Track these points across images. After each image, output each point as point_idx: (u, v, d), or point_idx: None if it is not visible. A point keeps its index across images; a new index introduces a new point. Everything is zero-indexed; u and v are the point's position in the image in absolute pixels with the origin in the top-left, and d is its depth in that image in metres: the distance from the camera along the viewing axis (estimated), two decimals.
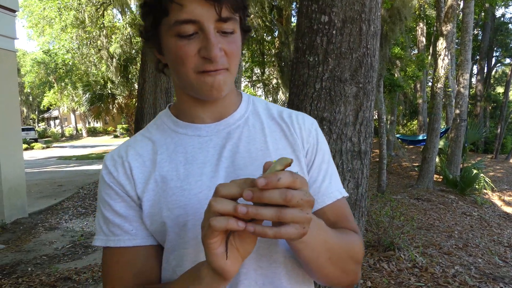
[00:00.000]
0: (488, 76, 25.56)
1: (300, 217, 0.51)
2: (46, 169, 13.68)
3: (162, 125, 0.82)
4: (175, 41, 0.67)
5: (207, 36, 0.65)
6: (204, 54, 0.66)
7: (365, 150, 1.95)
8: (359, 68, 1.85)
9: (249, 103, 0.85)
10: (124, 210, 0.75)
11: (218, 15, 0.65)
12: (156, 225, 0.72)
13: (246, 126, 0.80)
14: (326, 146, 0.85)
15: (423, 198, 8.16)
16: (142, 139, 0.80)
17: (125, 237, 0.74)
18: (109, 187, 0.75)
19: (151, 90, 8.89)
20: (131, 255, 0.75)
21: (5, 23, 5.95)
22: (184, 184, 0.72)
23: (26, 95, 41.46)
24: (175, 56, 0.69)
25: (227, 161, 0.74)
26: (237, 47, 0.70)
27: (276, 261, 0.73)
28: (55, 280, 3.82)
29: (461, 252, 4.78)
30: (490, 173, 13.57)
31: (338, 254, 0.69)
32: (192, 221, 0.70)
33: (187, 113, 0.79)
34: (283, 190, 0.50)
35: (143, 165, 0.76)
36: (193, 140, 0.77)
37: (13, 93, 6.17)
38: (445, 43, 9.35)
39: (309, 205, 0.52)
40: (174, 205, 0.71)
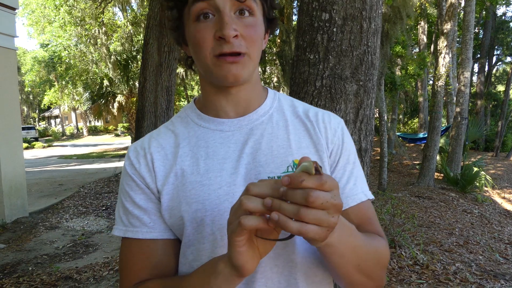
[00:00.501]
0: (489, 74, 25.53)
1: (323, 219, 0.50)
2: (47, 168, 13.69)
3: (186, 118, 0.82)
4: (194, 26, 0.68)
5: (221, 15, 0.66)
6: (219, 34, 0.66)
7: (366, 148, 1.95)
8: (360, 66, 1.84)
9: (275, 100, 0.84)
10: (144, 203, 0.75)
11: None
12: (175, 218, 0.73)
13: (270, 123, 0.79)
14: (352, 147, 0.83)
15: (424, 196, 8.15)
16: (166, 131, 0.81)
17: (144, 229, 0.75)
18: (131, 178, 0.76)
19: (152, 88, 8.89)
20: (148, 247, 0.75)
21: (5, 21, 5.94)
22: (203, 179, 0.72)
23: (26, 94, 41.48)
24: (194, 41, 0.69)
25: (248, 158, 0.74)
26: (255, 31, 0.69)
27: (293, 261, 0.72)
28: (56, 279, 3.82)
29: (462, 249, 4.78)
30: (491, 170, 13.57)
31: (366, 261, 0.68)
32: (210, 217, 0.70)
33: (211, 106, 0.79)
34: (306, 190, 0.49)
35: (165, 158, 0.76)
36: (215, 135, 0.77)
37: (14, 91, 6.17)
38: (446, 42, 9.34)
39: (335, 209, 0.51)
40: (192, 200, 0.71)
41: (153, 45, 8.98)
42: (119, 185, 0.80)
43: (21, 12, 17.80)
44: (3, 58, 5.90)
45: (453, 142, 10.01)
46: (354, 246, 0.64)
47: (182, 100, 26.95)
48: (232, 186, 0.71)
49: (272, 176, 0.72)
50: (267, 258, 0.70)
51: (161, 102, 8.99)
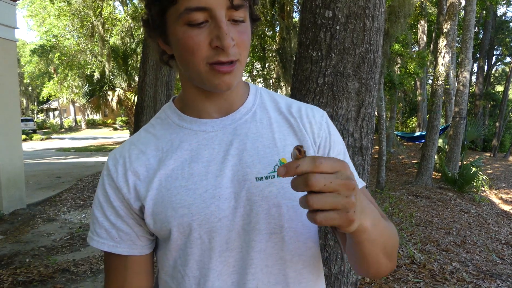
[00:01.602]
0: (488, 74, 25.55)
1: (336, 202, 0.49)
2: (45, 161, 13.67)
3: (166, 119, 0.79)
4: (185, 30, 0.64)
5: (219, 24, 0.63)
6: (217, 44, 0.63)
7: (367, 146, 1.95)
8: (362, 64, 1.84)
9: (257, 96, 0.82)
10: (114, 218, 0.74)
11: (230, 1, 0.63)
12: (160, 224, 0.71)
13: (253, 121, 0.77)
14: (339, 137, 0.83)
15: (422, 195, 8.18)
16: (146, 135, 0.78)
17: (110, 243, 0.74)
18: (105, 189, 0.74)
19: (151, 83, 8.86)
20: (114, 260, 0.77)
21: (6, 12, 5.91)
22: (189, 183, 0.71)
23: (25, 86, 41.34)
24: (184, 46, 0.65)
25: (234, 159, 0.72)
26: (247, 36, 0.68)
27: (283, 258, 0.72)
28: (53, 271, 3.83)
29: (459, 249, 4.80)
30: (489, 171, 13.62)
31: (390, 242, 0.67)
32: (197, 221, 0.69)
33: (193, 106, 0.77)
34: (305, 176, 0.48)
35: (147, 163, 0.74)
36: (198, 136, 0.75)
37: (13, 83, 6.15)
38: (446, 41, 9.33)
39: (346, 188, 0.49)
40: (178, 205, 0.70)
41: None
42: (96, 190, 0.78)
43: (21, 3, 17.71)
44: (3, 49, 5.88)
45: (451, 142, 10.03)
46: (383, 228, 0.63)
47: None
48: (218, 189, 0.70)
49: (260, 177, 0.71)
50: (257, 259, 0.71)
51: (161, 97, 8.98)
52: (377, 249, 0.63)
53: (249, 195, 0.70)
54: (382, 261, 0.66)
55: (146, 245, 0.77)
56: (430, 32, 18.30)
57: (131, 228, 0.75)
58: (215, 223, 0.69)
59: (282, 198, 0.71)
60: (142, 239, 0.76)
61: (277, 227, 0.71)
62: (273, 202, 0.70)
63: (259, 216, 0.70)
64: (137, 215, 0.74)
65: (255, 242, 0.70)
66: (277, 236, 0.71)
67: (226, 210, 0.70)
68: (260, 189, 0.70)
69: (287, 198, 0.71)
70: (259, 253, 0.71)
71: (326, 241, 1.89)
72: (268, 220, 0.71)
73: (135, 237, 0.75)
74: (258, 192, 0.70)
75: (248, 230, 0.71)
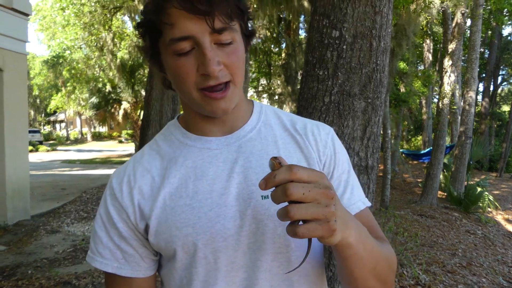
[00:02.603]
0: (494, 94, 25.53)
1: (316, 212, 0.49)
2: (50, 172, 13.72)
3: (170, 135, 0.79)
4: (174, 59, 0.65)
5: (203, 51, 0.63)
6: (202, 71, 0.64)
7: (372, 165, 1.95)
8: (368, 83, 1.86)
9: (261, 113, 0.81)
10: (117, 239, 0.73)
11: (211, 28, 0.62)
12: (164, 243, 0.70)
13: (258, 138, 0.76)
14: (345, 155, 0.82)
15: (427, 214, 8.10)
16: (150, 152, 0.78)
17: (114, 264, 0.73)
18: (108, 210, 0.74)
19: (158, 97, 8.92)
20: (117, 282, 0.75)
21: (18, 27, 6.04)
22: (193, 201, 0.70)
23: (34, 98, 41.80)
24: (175, 74, 0.67)
25: (239, 177, 0.71)
26: (237, 57, 0.67)
27: (290, 280, 0.72)
28: (55, 284, 3.81)
29: (465, 271, 4.73)
30: (495, 191, 13.47)
31: (381, 265, 0.66)
32: (202, 240, 0.68)
33: (196, 125, 0.77)
34: (283, 185, 0.49)
35: (152, 182, 0.73)
36: (203, 153, 0.74)
37: (23, 95, 6.23)
38: (452, 60, 9.37)
39: (325, 196, 0.50)
40: (183, 224, 0.69)
41: None
42: (98, 209, 0.77)
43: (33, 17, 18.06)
44: (14, 62, 5.98)
45: (457, 161, 9.97)
46: (371, 248, 0.63)
47: None
48: (223, 207, 0.69)
49: (266, 195, 0.70)
50: (262, 279, 0.70)
51: (167, 111, 9.05)
52: (365, 270, 0.63)
53: (254, 214, 0.69)
54: (371, 283, 0.66)
55: (150, 267, 0.77)
56: (435, 51, 18.38)
57: (135, 250, 0.74)
58: (220, 243, 0.69)
59: None
60: (146, 261, 0.75)
61: (283, 247, 0.70)
62: (279, 221, 0.69)
63: (265, 236, 0.70)
64: (142, 235, 0.73)
65: (261, 262, 0.70)
66: (283, 256, 0.71)
67: (231, 229, 0.69)
68: (265, 208, 0.70)
69: None
70: (265, 273, 0.70)
71: (331, 260, 1.88)
72: (274, 239, 0.70)
73: (139, 259, 0.74)
74: (263, 211, 0.70)
75: (254, 249, 0.70)
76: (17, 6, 5.91)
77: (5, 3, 5.75)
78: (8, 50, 5.85)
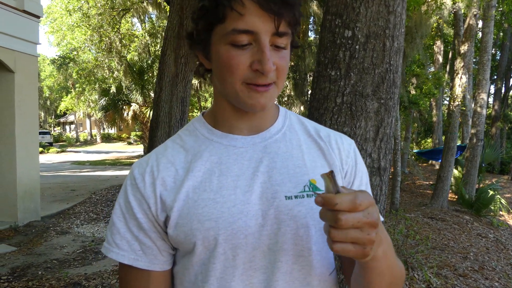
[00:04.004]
0: (506, 96, 25.22)
1: (357, 238, 0.52)
2: (60, 173, 13.84)
3: (195, 131, 0.79)
4: (228, 49, 0.66)
5: (262, 49, 0.64)
6: (258, 67, 0.65)
7: (385, 167, 1.92)
8: (381, 84, 1.83)
9: (286, 118, 0.82)
10: (136, 230, 0.72)
11: (276, 29, 0.64)
12: (184, 236, 0.69)
13: (283, 141, 0.77)
14: (364, 168, 0.83)
15: (437, 217, 8.00)
16: (174, 146, 0.78)
17: (131, 255, 0.72)
18: (128, 200, 0.73)
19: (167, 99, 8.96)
20: (133, 275, 0.74)
21: (29, 29, 6.10)
22: (217, 196, 0.70)
23: (44, 100, 42.27)
24: (225, 65, 0.67)
25: (264, 176, 0.72)
26: (286, 62, 0.69)
27: (310, 284, 0.71)
28: (65, 285, 3.82)
29: (477, 274, 4.65)
30: (506, 194, 13.29)
31: (396, 280, 0.67)
32: (223, 236, 0.68)
33: (224, 122, 0.77)
34: (335, 213, 0.51)
35: (175, 174, 0.73)
36: (229, 151, 0.74)
37: (33, 97, 6.29)
38: (463, 62, 9.27)
39: (369, 226, 0.52)
40: (205, 218, 0.68)
41: (170, 56, 9.09)
42: (117, 199, 0.76)
43: (44, 20, 18.26)
44: (25, 64, 6.04)
45: (468, 164, 9.85)
46: (392, 264, 0.64)
47: (195, 111, 27.14)
48: (246, 204, 0.69)
49: (290, 196, 0.70)
50: (282, 282, 0.69)
51: (176, 113, 9.07)
52: (383, 283, 0.64)
53: (277, 214, 0.69)
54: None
55: (167, 261, 0.75)
56: (446, 53, 18.21)
57: (154, 242, 0.73)
58: (241, 240, 0.68)
59: (311, 219, 0.70)
60: (164, 254, 0.74)
61: (305, 249, 0.70)
62: (302, 223, 0.70)
63: (286, 236, 0.69)
64: (161, 228, 0.72)
65: (281, 263, 0.69)
66: (304, 259, 0.70)
67: (253, 227, 0.69)
68: (289, 208, 0.70)
69: (316, 219, 0.69)
70: (285, 275, 0.69)
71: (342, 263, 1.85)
72: (296, 241, 0.69)
73: (157, 252, 0.73)
74: (286, 211, 0.69)
75: (274, 250, 0.69)
76: (28, 8, 5.98)
77: (16, 5, 5.81)
78: (20, 52, 5.91)
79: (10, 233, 5.56)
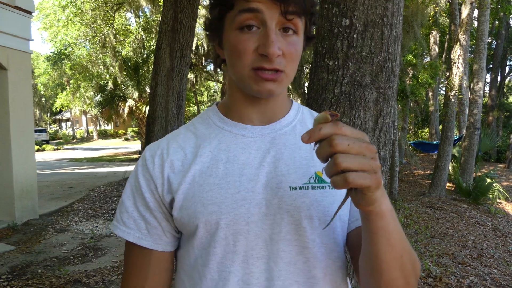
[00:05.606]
0: (502, 85, 25.26)
1: (364, 162, 0.49)
2: (57, 171, 13.79)
3: (208, 119, 0.82)
4: (236, 34, 0.68)
5: (267, 32, 0.65)
6: (262, 51, 0.65)
7: (384, 157, 1.91)
8: (380, 73, 1.81)
9: (298, 112, 0.83)
10: (143, 209, 0.75)
11: (283, 9, 0.65)
12: (188, 218, 0.71)
13: (292, 133, 0.78)
14: None
15: (436, 206, 8.03)
16: (186, 132, 0.81)
17: (136, 234, 0.75)
18: (138, 180, 0.76)
19: (163, 93, 8.90)
20: (137, 253, 0.77)
21: (21, 25, 6.02)
22: (222, 182, 0.71)
23: (39, 97, 42.01)
24: (233, 50, 0.69)
25: (270, 167, 0.72)
26: (296, 50, 0.69)
27: (315, 277, 0.70)
28: (65, 282, 3.81)
29: (476, 262, 4.68)
30: (503, 182, 13.35)
31: (407, 257, 0.61)
32: (225, 220, 0.69)
33: (236, 111, 0.79)
34: (329, 138, 0.50)
35: (184, 158, 0.75)
36: (237, 139, 0.76)
37: (28, 94, 6.23)
38: (459, 51, 9.25)
39: (369, 150, 0.50)
40: (209, 201, 0.70)
41: (165, 50, 9.02)
42: (128, 180, 0.80)
43: (36, 16, 18.06)
44: (18, 61, 5.97)
45: (466, 153, 9.87)
46: (400, 229, 0.60)
47: (191, 105, 27.04)
48: (251, 192, 0.70)
49: (294, 187, 0.70)
50: (287, 273, 0.69)
51: (172, 107, 9.02)
52: (392, 254, 0.59)
53: (281, 203, 0.70)
54: (395, 274, 0.61)
55: (170, 242, 0.78)
56: (442, 43, 18.17)
57: (159, 222, 0.75)
58: (242, 226, 0.69)
59: (315, 210, 0.70)
60: (168, 235, 0.77)
61: (309, 241, 0.70)
62: (305, 214, 0.70)
63: (290, 226, 0.69)
64: (166, 209, 0.75)
65: (285, 253, 0.69)
66: (309, 251, 0.70)
67: (255, 215, 0.69)
68: (293, 199, 0.70)
69: (320, 211, 0.70)
70: (289, 266, 0.69)
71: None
72: (299, 232, 0.70)
73: (161, 232, 0.76)
74: (290, 202, 0.70)
75: (277, 240, 0.69)
76: (20, 4, 5.90)
77: (8, 1, 5.73)
78: (12, 48, 5.84)
79: (8, 232, 5.54)
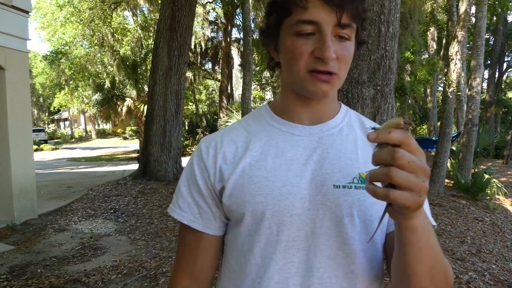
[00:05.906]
0: (500, 81, 25.29)
1: (414, 182, 0.50)
2: (56, 171, 13.77)
3: (260, 117, 0.87)
4: (293, 39, 0.73)
5: (324, 37, 0.70)
6: (318, 54, 0.70)
7: None
8: (377, 70, 1.81)
9: (346, 115, 0.87)
10: (197, 195, 0.82)
11: (337, 20, 0.69)
12: (236, 206, 0.77)
13: (339, 135, 0.82)
14: None
15: (434, 203, 8.05)
16: (239, 127, 0.86)
17: (190, 217, 0.82)
18: (193, 168, 0.83)
19: (161, 92, 8.88)
20: (189, 235, 0.84)
21: (18, 24, 6.00)
22: (269, 175, 0.76)
23: (37, 97, 41.91)
24: (290, 54, 0.74)
25: (315, 165, 0.77)
26: (349, 54, 0.74)
27: (354, 272, 0.73)
28: (65, 282, 3.81)
29: (475, 258, 4.70)
30: (502, 178, 13.39)
31: (438, 268, 0.63)
32: (270, 211, 0.74)
33: (287, 110, 0.83)
34: (393, 148, 0.50)
35: (235, 150, 0.81)
36: (286, 137, 0.81)
37: (25, 94, 6.21)
38: (457, 48, 9.25)
39: (424, 173, 0.50)
40: (256, 192, 0.75)
41: (163, 48, 9.01)
42: (184, 168, 0.87)
43: (33, 16, 18.00)
44: (16, 61, 5.95)
45: (464, 149, 9.89)
46: (433, 244, 0.62)
47: (190, 104, 26.99)
48: (296, 187, 0.74)
49: (338, 185, 0.74)
50: (326, 266, 0.73)
51: (170, 106, 9.01)
52: (422, 266, 0.61)
53: (324, 200, 0.74)
54: (425, 284, 0.62)
55: (219, 227, 0.84)
56: (440, 39, 18.18)
57: (210, 208, 0.82)
58: (286, 218, 0.73)
59: (357, 210, 0.74)
60: (218, 220, 0.83)
61: (349, 238, 0.73)
62: (347, 212, 0.73)
63: (331, 222, 0.73)
64: (217, 197, 0.81)
65: (325, 247, 0.73)
66: (348, 247, 0.73)
67: (299, 209, 0.73)
68: (336, 196, 0.74)
69: (361, 210, 0.74)
70: (328, 259, 0.73)
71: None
72: (340, 228, 0.73)
73: (212, 217, 0.83)
74: (333, 199, 0.73)
75: (318, 233, 0.73)
76: (17, 3, 5.88)
77: (5, 0, 5.71)
78: (10, 48, 5.82)
79: (7, 232, 5.53)
